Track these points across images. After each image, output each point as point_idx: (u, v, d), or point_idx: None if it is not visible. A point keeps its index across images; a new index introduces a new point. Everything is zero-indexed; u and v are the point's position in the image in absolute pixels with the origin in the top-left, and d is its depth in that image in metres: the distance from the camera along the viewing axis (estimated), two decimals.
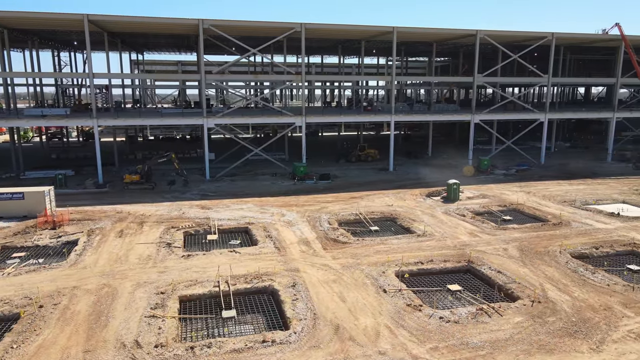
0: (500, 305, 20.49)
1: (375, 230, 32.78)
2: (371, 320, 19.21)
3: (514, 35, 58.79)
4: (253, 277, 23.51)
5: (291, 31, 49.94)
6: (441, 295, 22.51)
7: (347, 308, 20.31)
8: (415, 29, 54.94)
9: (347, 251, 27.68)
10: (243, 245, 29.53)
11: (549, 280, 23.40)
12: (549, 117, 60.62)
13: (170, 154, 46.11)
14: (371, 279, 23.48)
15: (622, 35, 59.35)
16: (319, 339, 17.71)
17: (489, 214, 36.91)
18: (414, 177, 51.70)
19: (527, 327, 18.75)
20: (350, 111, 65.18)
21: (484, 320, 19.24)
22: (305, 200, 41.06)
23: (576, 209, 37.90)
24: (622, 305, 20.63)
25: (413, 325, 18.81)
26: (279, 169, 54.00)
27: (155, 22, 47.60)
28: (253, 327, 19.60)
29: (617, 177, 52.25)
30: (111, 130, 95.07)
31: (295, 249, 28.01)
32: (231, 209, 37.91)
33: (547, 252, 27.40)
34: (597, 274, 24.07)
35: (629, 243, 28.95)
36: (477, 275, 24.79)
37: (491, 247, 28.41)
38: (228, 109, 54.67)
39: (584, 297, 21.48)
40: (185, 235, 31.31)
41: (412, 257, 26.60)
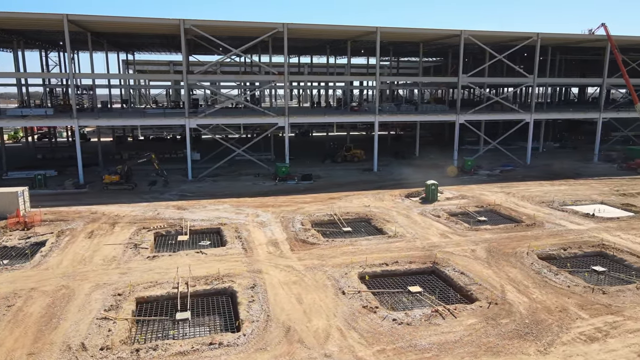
0: (456, 307, 20.43)
1: (347, 231, 32.70)
2: (324, 322, 19.15)
3: (499, 35, 58.73)
4: (214, 278, 23.45)
5: (274, 31, 49.90)
6: (401, 297, 22.45)
7: (303, 310, 20.24)
8: (399, 29, 54.93)
9: (314, 252, 27.61)
10: (213, 246, 29.48)
11: (510, 282, 23.33)
12: (534, 117, 60.56)
13: (150, 154, 46.06)
14: (332, 280, 23.41)
15: (608, 36, 59.25)
16: (267, 341, 17.64)
17: (465, 215, 36.83)
18: (397, 178, 51.62)
19: (478, 329, 18.68)
20: (334, 111, 65.19)
21: (436, 322, 19.18)
22: (283, 201, 41.00)
23: (553, 209, 37.83)
24: (578, 306, 20.56)
25: (365, 328, 18.75)
26: (262, 170, 53.94)
27: (137, 22, 47.54)
28: (209, 329, 19.54)
29: (600, 177, 52.18)
30: (103, 130, 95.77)
31: (262, 250, 27.94)
32: (207, 209, 37.84)
33: (515, 254, 27.34)
34: (560, 275, 24.00)
35: (598, 244, 28.88)
36: (441, 276, 24.72)
37: (460, 249, 28.35)
38: (210, 109, 54.50)
39: (542, 298, 21.42)
40: (156, 236, 31.25)
41: (378, 258, 26.54)
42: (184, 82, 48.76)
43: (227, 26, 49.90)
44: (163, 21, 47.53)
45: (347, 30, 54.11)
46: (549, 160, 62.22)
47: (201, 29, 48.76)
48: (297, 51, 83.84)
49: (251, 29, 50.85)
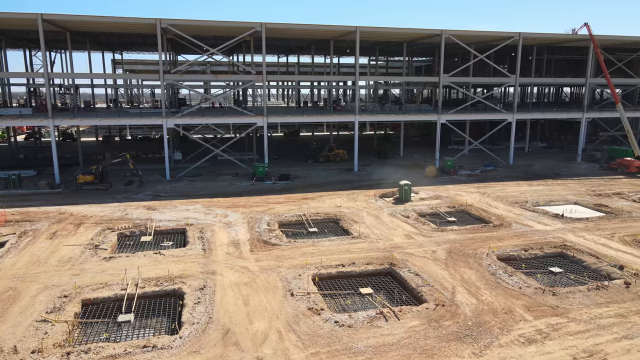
0: (401, 309, 20.29)
1: (313, 231, 32.56)
2: (265, 325, 19.01)
3: (480, 35, 58.61)
4: (165, 279, 23.32)
5: (251, 31, 49.73)
6: (352, 299, 22.32)
7: (247, 312, 20.11)
8: (378, 29, 54.73)
9: (274, 253, 27.47)
10: (175, 247, 29.35)
11: (463, 283, 23.20)
12: (517, 117, 60.37)
13: (125, 154, 45.92)
14: (284, 282, 23.28)
15: (591, 35, 59.05)
16: (202, 344, 17.51)
17: (435, 216, 36.68)
18: (376, 178, 51.45)
19: (419, 331, 18.55)
20: (313, 111, 65.08)
21: (378, 325, 19.04)
22: (255, 201, 40.86)
23: (524, 210, 37.70)
24: (524, 308, 20.43)
25: (305, 330, 18.61)
26: (241, 170, 53.80)
27: (113, 21, 47.35)
28: (153, 331, 19.40)
29: (580, 177, 52.06)
30: (92, 130, 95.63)
31: (222, 251, 27.81)
32: (177, 209, 37.70)
33: (475, 255, 27.20)
34: (514, 276, 23.87)
35: (560, 245, 28.75)
36: (396, 278, 24.58)
37: (421, 250, 28.21)
38: (188, 109, 54.37)
39: (491, 300, 21.28)
40: (119, 236, 31.11)
41: (336, 259, 26.41)
42: (160, 82, 48.65)
43: (204, 26, 49.76)
44: (139, 20, 47.33)
45: (326, 29, 53.90)
46: (533, 161, 62.03)
47: (178, 29, 48.66)
48: (286, 50, 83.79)
49: (229, 28, 50.72)
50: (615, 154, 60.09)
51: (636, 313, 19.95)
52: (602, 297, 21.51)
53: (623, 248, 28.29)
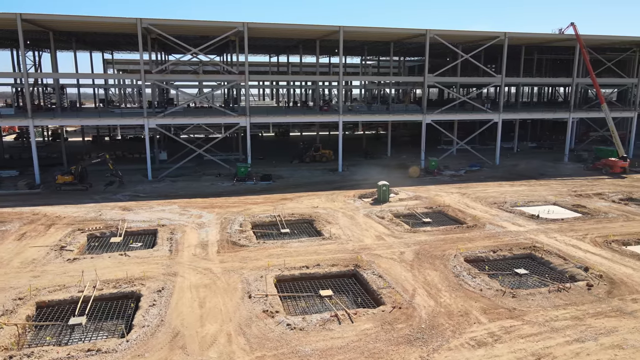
0: (356, 312, 20.10)
1: (285, 232, 32.38)
2: (216, 327, 18.83)
3: (465, 35, 58.44)
4: (125, 281, 23.13)
5: (234, 30, 49.52)
6: (312, 301, 22.14)
7: (201, 314, 19.92)
8: (362, 28, 54.53)
9: (240, 255, 27.29)
10: (144, 248, 29.15)
11: (425, 285, 23.01)
12: (502, 117, 60.13)
13: (104, 154, 45.69)
14: (245, 283, 23.10)
15: (577, 35, 58.84)
16: (148, 348, 17.33)
17: (411, 217, 36.49)
18: (359, 178, 51.22)
19: (370, 334, 18.36)
20: (297, 111, 64.91)
21: (331, 328, 18.85)
22: (233, 201, 40.67)
23: (501, 210, 37.50)
24: (481, 311, 20.24)
25: (255, 333, 18.43)
26: (225, 170, 53.58)
27: (94, 21, 47.14)
28: (106, 334, 19.22)
29: (564, 178, 51.85)
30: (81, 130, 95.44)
31: (188, 252, 27.63)
32: (153, 210, 37.53)
33: (442, 256, 27.01)
34: (477, 278, 23.68)
35: (530, 246, 28.56)
36: (360, 280, 24.39)
37: (389, 251, 28.01)
38: (170, 109, 54.18)
39: (449, 302, 21.09)
40: (89, 237, 30.92)
41: (302, 261, 26.22)
42: (142, 82, 48.48)
43: (186, 25, 49.58)
44: (119, 20, 47.17)
45: (309, 29, 53.71)
46: (520, 161, 61.75)
47: (159, 28, 48.49)
48: (277, 50, 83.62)
49: (211, 28, 50.55)
50: (602, 154, 59.84)
51: (593, 315, 19.76)
52: (562, 299, 21.32)
53: (593, 249, 28.10)
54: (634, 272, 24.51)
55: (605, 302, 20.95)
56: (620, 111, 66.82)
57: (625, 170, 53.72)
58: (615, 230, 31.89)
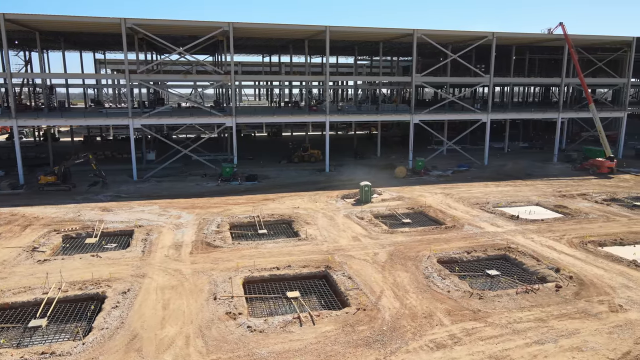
0: (319, 314, 19.94)
1: (262, 233, 32.22)
2: (176, 330, 18.68)
3: (453, 35, 58.26)
4: (92, 283, 22.98)
5: (219, 30, 49.36)
6: (278, 303, 21.99)
7: (163, 316, 19.77)
8: (349, 28, 54.36)
9: (212, 256, 27.14)
10: (118, 249, 29.00)
11: (393, 287, 22.85)
12: (491, 117, 59.96)
13: (87, 154, 45.56)
14: (212, 285, 22.95)
15: (565, 35, 58.70)
16: (103, 351, 17.17)
17: (391, 217, 36.33)
18: (345, 179, 51.03)
19: (330, 336, 18.21)
20: (284, 111, 64.72)
21: (291, 330, 18.70)
22: (214, 202, 40.53)
23: (482, 211, 37.35)
24: (445, 312, 20.08)
25: (214, 335, 18.27)
26: (211, 170, 53.41)
27: (77, 21, 47.04)
28: (67, 336, 19.04)
29: (551, 178, 51.70)
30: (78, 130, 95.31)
31: (161, 253, 27.48)
32: (133, 210, 37.38)
33: (416, 257, 26.85)
34: (447, 280, 23.52)
35: (505, 247, 28.40)
36: (329, 281, 24.24)
37: (363, 252, 27.86)
38: (155, 109, 54.02)
39: (415, 304, 20.93)
40: (64, 238, 30.79)
41: (273, 262, 26.06)
42: (126, 82, 48.35)
43: (171, 25, 49.45)
44: (103, 20, 47.03)
45: (296, 29, 53.56)
46: (509, 161, 61.52)
47: (144, 28, 48.34)
48: (269, 50, 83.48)
49: (196, 28, 50.42)
50: (591, 154, 59.65)
51: (557, 317, 19.60)
52: (529, 300, 21.17)
53: (567, 250, 27.94)
54: (605, 273, 24.36)
55: (572, 304, 20.79)
56: (610, 111, 66.72)
57: (612, 170, 53.56)
58: (594, 231, 31.74)
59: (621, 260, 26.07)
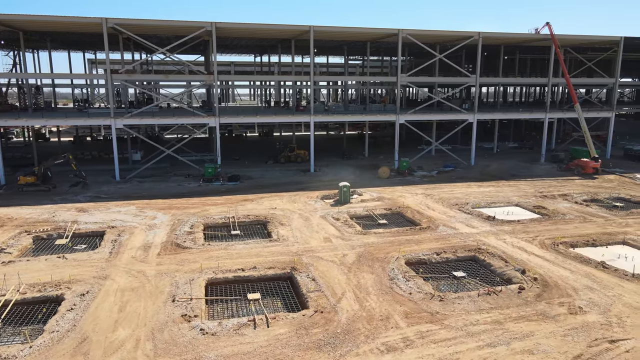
0: (275, 316, 19.75)
1: (235, 234, 32.03)
2: (128, 332, 18.49)
3: (439, 34, 58.10)
4: (52, 285, 22.79)
5: (202, 30, 49.18)
6: (239, 304, 21.81)
7: (117, 319, 19.58)
8: (333, 28, 54.19)
9: (179, 257, 26.95)
10: (87, 250, 28.80)
11: (356, 289, 22.65)
12: (477, 117, 59.77)
13: (67, 154, 45.35)
14: (173, 287, 22.75)
15: (552, 35, 58.49)
16: (51, 354, 16.98)
17: (368, 218, 36.14)
18: (329, 179, 50.80)
19: (282, 339, 18.02)
20: (267, 111, 64.58)
21: (244, 333, 18.51)
22: (193, 202, 40.34)
23: (460, 212, 37.14)
24: (403, 315, 19.88)
25: (165, 338, 18.09)
26: (194, 170, 53.19)
27: (58, 20, 46.86)
28: (22, 338, 18.86)
29: (535, 178, 51.50)
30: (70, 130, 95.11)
31: (128, 255, 27.28)
32: (109, 211, 37.18)
33: (384, 259, 26.65)
34: (411, 281, 23.32)
35: (475, 248, 28.20)
36: (293, 283, 24.06)
37: (332, 253, 27.66)
38: (137, 110, 53.81)
39: (374, 306, 20.74)
40: (35, 239, 30.60)
41: (240, 263, 25.88)
42: (108, 82, 48.17)
43: (153, 25, 49.22)
44: (85, 20, 46.84)
45: (280, 29, 53.42)
46: (496, 161, 61.31)
47: (126, 28, 48.14)
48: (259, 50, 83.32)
49: (178, 27, 50.22)
50: (577, 154, 59.45)
51: (514, 319, 19.41)
52: (489, 302, 20.98)
53: (538, 251, 27.75)
54: (571, 274, 24.17)
55: (531, 306, 20.60)
56: (597, 111, 66.59)
57: (597, 170, 53.35)
58: (568, 232, 31.54)
59: (590, 261, 25.87)
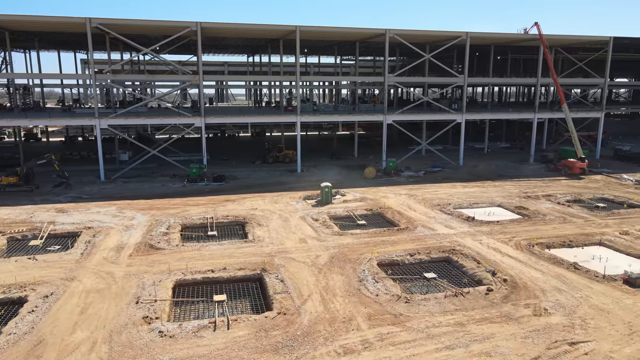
0: (237, 318, 19.57)
1: (211, 235, 31.85)
2: (85, 335, 18.31)
3: (426, 34, 57.96)
4: (17, 286, 22.61)
5: (187, 30, 49.00)
6: (203, 306, 21.64)
7: (77, 321, 19.39)
8: (319, 28, 54.01)
9: (151, 258, 26.77)
10: (60, 251, 28.60)
11: (323, 290, 22.47)
12: (465, 117, 59.61)
13: (50, 155, 45.19)
14: (139, 288, 22.58)
15: (540, 35, 58.31)
16: (3, 358, 16.80)
17: (347, 219, 35.96)
18: (315, 179, 50.56)
19: (240, 342, 17.85)
20: (253, 111, 64.46)
21: (203, 335, 18.33)
22: (174, 203, 40.16)
23: (441, 212, 36.96)
24: (366, 317, 19.70)
25: (122, 341, 17.91)
26: (180, 171, 52.96)
27: (41, 20, 46.76)
28: None
29: (522, 179, 51.31)
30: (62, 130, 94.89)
31: (100, 256, 27.10)
32: (89, 212, 37.00)
33: (357, 260, 26.46)
34: (380, 283, 23.13)
35: (450, 249, 28.02)
36: (262, 284, 23.88)
37: (305, 254, 27.49)
38: (122, 110, 53.64)
39: (338, 308, 20.56)
40: (9, 240, 30.39)
41: (210, 264, 25.71)
42: (92, 82, 47.98)
43: (137, 25, 49.02)
44: (68, 20, 46.69)
45: (265, 29, 53.21)
46: (484, 162, 61.06)
47: (110, 28, 47.96)
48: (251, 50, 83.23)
49: (163, 27, 50.00)
50: (566, 154, 59.32)
51: (477, 321, 19.23)
52: (455, 304, 20.79)
53: (512, 253, 27.56)
54: (542, 275, 23.99)
55: (497, 308, 20.42)
56: (587, 111, 66.37)
57: (584, 171, 53.17)
58: (546, 233, 31.37)
59: (562, 262, 25.69)
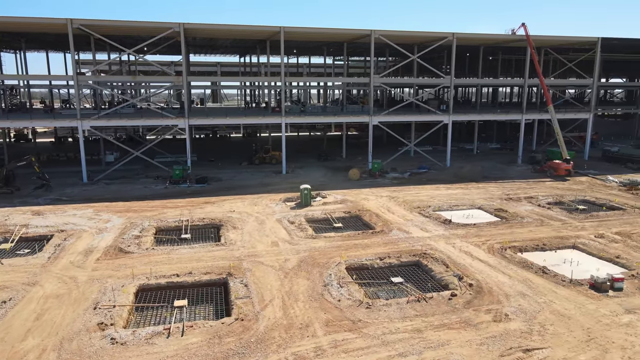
0: (193, 324, 19.33)
1: (184, 238, 31.60)
2: (36, 342, 18.06)
3: (412, 35, 57.67)
4: None
5: (169, 31, 48.76)
6: (163, 312, 21.39)
7: (30, 328, 19.15)
8: (304, 29, 53.79)
9: (118, 262, 26.52)
10: (30, 255, 28.34)
11: (286, 295, 22.23)
12: (452, 118, 59.35)
13: (30, 157, 44.94)
14: (100, 293, 22.33)
15: (527, 35, 58.11)
16: None
17: (324, 221, 35.70)
18: (299, 181, 50.10)
19: (191, 349, 17.60)
20: (238, 112, 64.20)
21: (155, 342, 18.09)
22: (152, 205, 39.91)
23: (419, 215, 36.71)
24: (324, 323, 19.45)
25: (72, 348, 17.66)
26: (164, 172, 52.71)
27: (23, 21, 46.47)
28: None
29: (506, 180, 51.07)
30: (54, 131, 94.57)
31: (67, 260, 26.86)
32: (65, 214, 36.75)
33: (325, 264, 26.21)
34: (344, 288, 22.89)
35: (421, 253, 27.77)
36: (226, 289, 23.64)
37: (275, 258, 27.24)
38: (105, 111, 53.40)
39: (297, 314, 20.31)
40: None
41: (176, 268, 25.45)
42: (74, 82, 47.74)
43: (119, 26, 48.77)
44: (49, 20, 46.46)
45: (250, 30, 52.92)
46: (471, 163, 60.78)
47: (91, 29, 47.77)
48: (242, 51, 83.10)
49: (146, 28, 49.76)
50: (553, 155, 58.99)
51: (435, 328, 18.99)
52: (416, 310, 20.55)
53: (483, 256, 27.31)
54: (509, 280, 23.75)
55: (457, 313, 20.17)
56: (575, 112, 66.15)
57: (570, 172, 52.90)
58: (521, 236, 31.13)
59: (532, 266, 25.44)
